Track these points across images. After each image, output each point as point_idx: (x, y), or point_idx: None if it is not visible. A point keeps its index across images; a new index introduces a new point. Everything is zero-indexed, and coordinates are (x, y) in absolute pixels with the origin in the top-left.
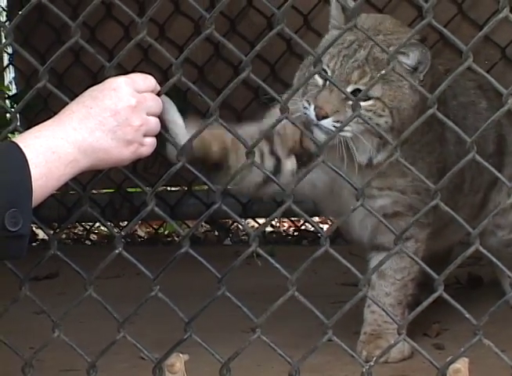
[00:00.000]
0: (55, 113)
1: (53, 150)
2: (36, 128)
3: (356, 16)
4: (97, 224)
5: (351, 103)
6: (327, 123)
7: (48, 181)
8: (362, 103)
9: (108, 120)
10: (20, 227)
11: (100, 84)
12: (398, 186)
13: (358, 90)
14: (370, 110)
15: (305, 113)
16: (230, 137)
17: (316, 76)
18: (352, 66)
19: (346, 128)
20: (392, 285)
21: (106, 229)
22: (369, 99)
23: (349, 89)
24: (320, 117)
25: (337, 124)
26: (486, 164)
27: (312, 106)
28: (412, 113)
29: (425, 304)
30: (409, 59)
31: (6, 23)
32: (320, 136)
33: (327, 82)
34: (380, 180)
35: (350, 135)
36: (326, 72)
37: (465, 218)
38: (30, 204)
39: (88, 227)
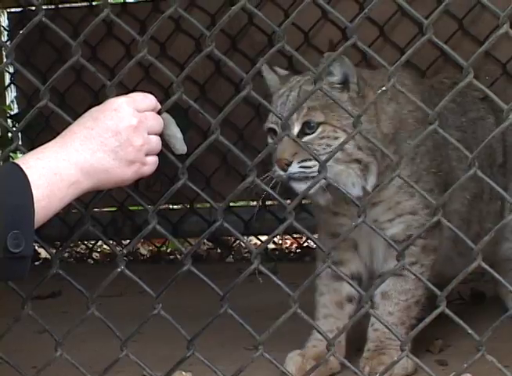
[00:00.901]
0: (56, 132)
1: (55, 172)
2: (38, 149)
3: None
4: (99, 242)
5: (304, 139)
6: (294, 168)
7: (51, 202)
8: (314, 134)
9: (109, 140)
10: (23, 248)
11: (101, 105)
12: (408, 209)
13: (306, 122)
14: (323, 137)
15: (277, 177)
16: None
17: (270, 140)
18: (288, 109)
19: (312, 164)
20: (396, 305)
21: (108, 248)
22: (317, 127)
23: (296, 129)
24: (285, 168)
25: (305, 164)
26: (487, 179)
27: (276, 165)
28: (368, 126)
29: (428, 320)
30: (335, 74)
31: (7, 43)
32: (298, 186)
33: (277, 137)
34: (389, 212)
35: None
36: (275, 129)
37: (491, 227)
38: (33, 225)
39: (90, 246)
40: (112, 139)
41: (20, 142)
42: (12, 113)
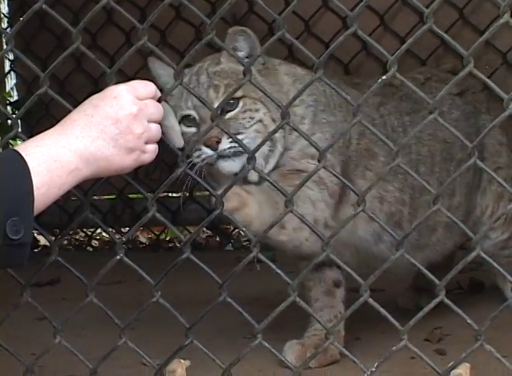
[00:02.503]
0: (56, 120)
1: (55, 159)
2: (38, 136)
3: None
4: (99, 230)
5: (228, 116)
6: (225, 144)
7: (50, 189)
8: (237, 109)
9: (109, 128)
10: (22, 236)
11: (101, 93)
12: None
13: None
14: (246, 110)
15: (203, 159)
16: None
17: (187, 129)
18: (204, 90)
19: (241, 137)
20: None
21: (107, 236)
22: (238, 102)
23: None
24: (216, 146)
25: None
26: (487, 169)
27: (203, 146)
28: (278, 95)
29: (426, 309)
30: (241, 49)
31: (7, 30)
32: (228, 165)
33: (197, 120)
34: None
35: (248, 141)
36: (191, 115)
37: (447, 222)
38: (32, 212)
39: (89, 233)
40: (112, 127)
41: (20, 130)
42: (11, 100)
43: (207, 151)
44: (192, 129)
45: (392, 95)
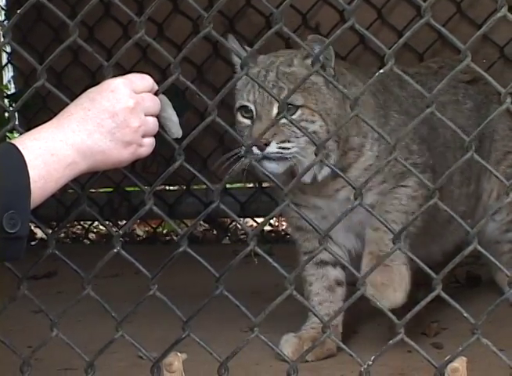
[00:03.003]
0: (53, 112)
1: (52, 153)
2: (35, 130)
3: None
4: (96, 223)
5: (283, 121)
6: (272, 148)
7: (47, 183)
8: (293, 116)
9: (106, 121)
10: (18, 229)
11: (98, 86)
12: (379, 181)
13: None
14: (302, 120)
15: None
16: None
17: (243, 119)
18: (268, 89)
19: (290, 145)
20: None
21: (104, 228)
22: (296, 110)
23: (275, 110)
24: (263, 147)
25: (283, 145)
26: (485, 163)
27: (251, 143)
28: (339, 111)
29: (423, 303)
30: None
31: (5, 22)
32: (271, 166)
33: (254, 116)
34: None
35: (297, 150)
36: (249, 107)
37: (465, 210)
38: (29, 206)
39: (86, 226)
40: (109, 121)
41: (17, 122)
42: (9, 92)
43: (254, 150)
44: (247, 121)
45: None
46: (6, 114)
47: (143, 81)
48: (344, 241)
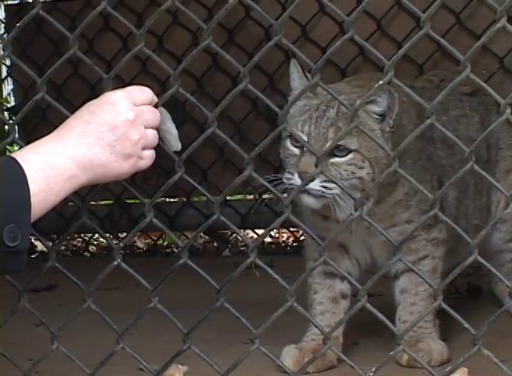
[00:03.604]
0: (53, 125)
1: (52, 166)
2: (35, 143)
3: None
4: (96, 235)
5: (332, 160)
6: (315, 185)
7: (47, 196)
8: (343, 158)
9: (106, 134)
10: (19, 242)
11: (98, 99)
12: (404, 219)
13: (337, 146)
14: (351, 164)
15: (291, 184)
16: None
17: (292, 147)
18: (326, 125)
19: (333, 186)
20: (416, 295)
21: (105, 241)
22: (348, 153)
23: (328, 146)
24: (307, 182)
25: (326, 184)
26: (483, 172)
27: (296, 174)
28: (387, 161)
29: (424, 314)
30: (378, 105)
31: (4, 35)
32: (309, 201)
33: (305, 148)
34: (384, 223)
35: (338, 192)
36: (301, 137)
37: (478, 224)
38: (29, 219)
39: (87, 239)
40: (109, 133)
41: (17, 135)
42: (8, 105)
43: (298, 181)
44: (296, 151)
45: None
46: (6, 127)
47: (143, 94)
48: (356, 252)
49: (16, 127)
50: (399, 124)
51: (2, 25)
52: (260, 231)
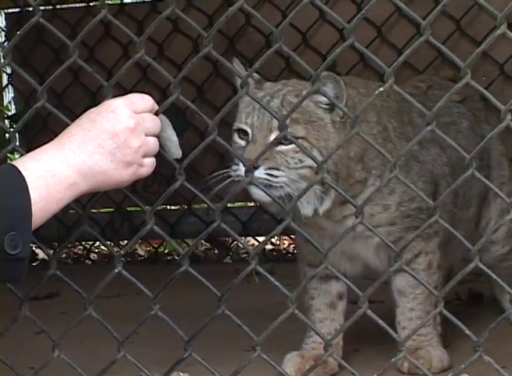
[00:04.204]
0: (54, 133)
1: (53, 174)
2: (35, 151)
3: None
4: (97, 243)
5: (277, 148)
6: (259, 172)
7: (48, 204)
8: (289, 146)
9: (107, 142)
10: (20, 250)
11: (98, 107)
12: (385, 221)
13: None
14: (298, 151)
15: (237, 175)
16: None
17: (239, 140)
18: (270, 115)
19: (280, 174)
20: (414, 300)
21: (106, 249)
22: (294, 140)
23: (273, 136)
24: (251, 170)
25: (271, 172)
26: (486, 181)
27: (241, 164)
28: (342, 152)
29: (425, 320)
30: (325, 95)
31: (5, 43)
32: (257, 193)
33: (249, 138)
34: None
35: (285, 180)
36: (245, 130)
37: (463, 234)
38: (30, 227)
39: (88, 246)
40: (109, 141)
41: (18, 143)
42: (9, 113)
43: (243, 170)
44: (243, 143)
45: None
46: (7, 135)
47: (143, 102)
48: (336, 263)
49: (17, 135)
50: (385, 127)
51: (3, 33)
52: (261, 238)
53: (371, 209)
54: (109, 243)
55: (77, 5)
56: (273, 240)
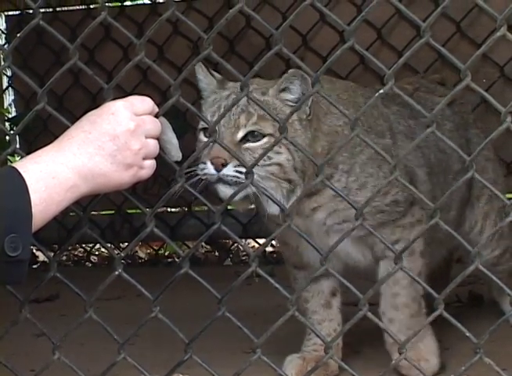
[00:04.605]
0: (54, 135)
1: (53, 176)
2: (36, 153)
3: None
4: (97, 246)
5: (245, 146)
6: (229, 170)
7: (48, 206)
8: (257, 143)
9: (107, 144)
10: (20, 252)
11: (98, 109)
12: (353, 216)
13: (251, 132)
14: (266, 149)
15: (205, 174)
16: None
17: (204, 138)
18: (237, 112)
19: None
20: (396, 284)
21: (106, 251)
22: (262, 137)
23: (241, 134)
24: (219, 167)
25: (240, 169)
26: (485, 182)
27: (209, 162)
28: (309, 150)
29: (425, 323)
30: (291, 92)
31: (5, 46)
32: (225, 191)
33: (216, 136)
34: (333, 216)
35: (255, 178)
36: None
37: (442, 237)
38: (30, 229)
39: (88, 249)
40: (110, 143)
41: (18, 146)
42: (9, 116)
43: (210, 169)
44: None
45: (393, 100)
46: (7, 138)
47: (144, 104)
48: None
49: (17, 137)
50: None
51: (3, 35)
52: (261, 240)
53: (336, 205)
54: (109, 245)
55: (78, 7)
56: (273, 242)
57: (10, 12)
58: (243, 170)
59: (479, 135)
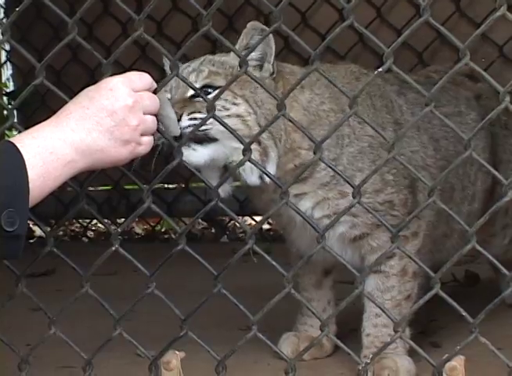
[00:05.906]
0: (52, 110)
1: (51, 151)
2: (33, 128)
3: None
4: (94, 221)
5: (197, 99)
6: (184, 121)
7: (46, 181)
8: (210, 95)
9: (105, 120)
10: (17, 227)
11: (97, 84)
12: (343, 209)
13: (205, 85)
14: (220, 99)
15: (159, 138)
16: None
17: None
18: (187, 72)
19: (203, 116)
20: (381, 305)
21: (103, 226)
22: (215, 89)
23: (191, 91)
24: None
25: (194, 115)
26: (482, 161)
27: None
28: (272, 107)
29: (421, 302)
30: (253, 50)
31: (3, 20)
32: (187, 154)
33: (169, 97)
34: (322, 208)
35: (211, 127)
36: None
37: (461, 229)
38: (27, 204)
39: (85, 224)
40: (107, 119)
41: (16, 120)
42: (7, 90)
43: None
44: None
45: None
46: (5, 112)
47: (142, 80)
48: (305, 249)
49: (15, 112)
50: (337, 102)
51: (2, 10)
52: (258, 218)
53: (324, 193)
54: (106, 221)
55: None
56: (270, 219)
57: None
58: (198, 115)
59: (504, 130)
